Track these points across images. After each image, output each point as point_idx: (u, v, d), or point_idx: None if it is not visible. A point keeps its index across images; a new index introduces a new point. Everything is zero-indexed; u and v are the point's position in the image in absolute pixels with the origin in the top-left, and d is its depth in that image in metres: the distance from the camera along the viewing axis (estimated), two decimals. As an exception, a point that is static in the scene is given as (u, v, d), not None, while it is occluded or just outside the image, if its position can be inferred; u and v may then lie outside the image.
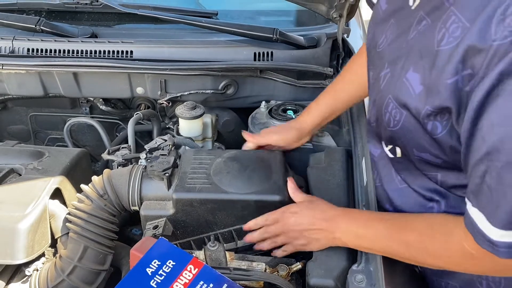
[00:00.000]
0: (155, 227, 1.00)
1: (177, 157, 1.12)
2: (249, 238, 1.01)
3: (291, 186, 1.02)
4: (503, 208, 0.63)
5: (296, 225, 0.95)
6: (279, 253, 0.98)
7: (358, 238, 0.89)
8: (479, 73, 0.61)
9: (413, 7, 0.79)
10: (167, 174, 1.03)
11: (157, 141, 1.17)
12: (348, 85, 1.19)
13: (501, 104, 0.59)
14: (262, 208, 0.99)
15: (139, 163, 1.12)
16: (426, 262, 0.84)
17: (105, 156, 1.20)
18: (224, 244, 1.03)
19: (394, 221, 0.87)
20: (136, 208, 1.05)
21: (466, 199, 0.70)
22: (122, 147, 1.21)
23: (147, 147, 1.15)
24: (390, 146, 0.87)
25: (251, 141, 1.19)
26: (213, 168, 1.06)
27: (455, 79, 0.65)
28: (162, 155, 1.10)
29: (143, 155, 1.13)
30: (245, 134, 1.21)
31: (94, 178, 1.06)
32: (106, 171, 1.07)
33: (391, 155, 0.88)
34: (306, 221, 0.94)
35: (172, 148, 1.14)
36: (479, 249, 0.68)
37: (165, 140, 1.17)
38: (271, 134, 1.20)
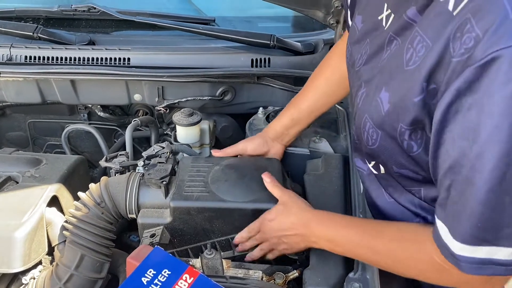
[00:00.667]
0: (152, 236, 0.99)
1: (175, 165, 1.12)
2: (240, 248, 1.03)
3: (268, 181, 1.01)
4: (464, 222, 0.63)
5: (274, 232, 0.96)
6: (256, 254, 1.01)
7: (330, 242, 0.89)
8: (441, 88, 0.62)
9: (385, 27, 0.79)
10: (164, 182, 1.03)
11: (154, 148, 1.17)
12: (311, 93, 1.20)
13: (460, 120, 0.59)
14: (259, 216, 0.99)
15: (136, 171, 1.12)
16: (398, 271, 0.83)
17: (102, 163, 1.20)
18: (222, 252, 1.03)
19: (365, 227, 0.88)
20: (134, 216, 1.05)
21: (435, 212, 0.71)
22: (120, 154, 1.21)
23: (144, 154, 1.15)
24: (373, 163, 0.88)
25: (219, 155, 1.19)
26: (211, 176, 1.06)
27: (422, 97, 0.66)
28: (160, 162, 1.10)
29: (140, 163, 1.13)
30: (213, 152, 1.21)
31: (91, 185, 1.06)
32: (103, 178, 1.07)
33: (375, 172, 0.89)
34: (283, 227, 0.95)
35: (170, 156, 1.14)
36: (446, 261, 0.69)
37: (163, 147, 1.17)
38: (237, 144, 1.21)
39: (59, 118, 1.72)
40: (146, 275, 0.79)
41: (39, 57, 1.48)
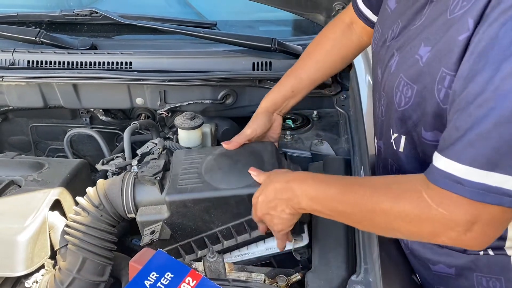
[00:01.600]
0: (152, 232, 0.99)
1: (168, 160, 1.11)
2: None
3: (254, 174, 0.99)
4: (480, 145, 0.65)
5: (264, 203, 0.92)
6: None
7: (311, 200, 0.85)
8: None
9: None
10: (158, 178, 1.02)
11: (148, 145, 1.16)
12: (311, 64, 1.22)
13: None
14: None
15: (131, 170, 1.12)
16: (373, 223, 0.80)
17: (99, 167, 1.21)
18: (225, 242, 1.02)
19: (348, 181, 0.87)
20: (133, 215, 1.05)
21: (436, 152, 0.72)
22: (116, 157, 1.22)
23: (139, 152, 1.15)
24: (395, 135, 0.89)
25: (230, 147, 1.13)
26: (204, 166, 1.05)
27: (468, 34, 0.69)
28: (152, 159, 1.10)
29: (134, 162, 1.13)
30: (224, 144, 1.14)
31: (89, 189, 1.06)
32: (99, 181, 1.07)
33: (394, 148, 0.90)
34: (268, 199, 0.91)
35: (162, 151, 1.13)
36: (435, 198, 0.69)
37: (156, 144, 1.16)
38: (245, 130, 1.18)
39: (61, 122, 1.72)
40: (149, 278, 0.79)
41: (42, 62, 1.49)
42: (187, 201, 0.98)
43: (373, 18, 1.13)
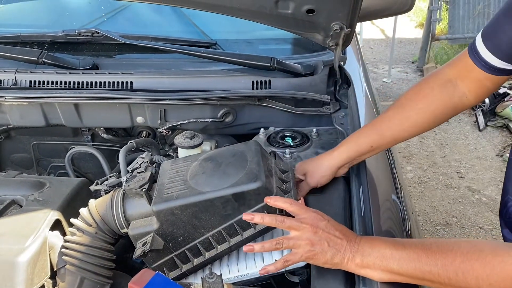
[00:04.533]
0: (144, 244, 0.99)
1: (155, 172, 1.11)
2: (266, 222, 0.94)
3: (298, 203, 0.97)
4: None
5: (326, 228, 0.91)
6: (280, 264, 0.93)
7: (384, 258, 0.86)
8: None
9: None
10: (144, 189, 1.03)
11: (138, 160, 1.17)
12: (398, 122, 1.13)
13: None
14: (242, 200, 0.97)
15: (122, 187, 1.13)
16: (466, 285, 0.80)
17: (92, 187, 1.22)
18: (218, 246, 1.01)
19: (425, 244, 0.85)
20: (126, 230, 1.05)
21: None
22: (110, 176, 1.23)
23: (129, 168, 1.16)
24: None
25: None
26: (190, 173, 1.05)
27: None
28: (139, 172, 1.10)
29: (124, 178, 1.14)
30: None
31: (82, 210, 1.07)
32: (90, 201, 1.08)
33: None
34: (337, 228, 0.91)
35: (149, 164, 1.14)
36: None
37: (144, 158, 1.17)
38: (310, 181, 1.17)
39: (63, 140, 1.74)
40: (147, 301, 0.79)
41: (44, 82, 1.51)
42: (174, 208, 0.98)
43: (501, 65, 1.00)
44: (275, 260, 0.96)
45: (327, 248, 0.89)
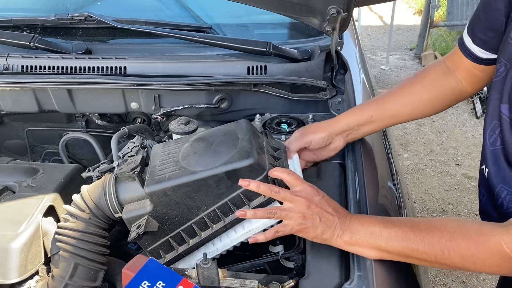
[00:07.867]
0: (139, 227, 0.99)
1: (146, 155, 1.11)
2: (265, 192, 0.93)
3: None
4: None
5: (319, 203, 0.91)
6: (270, 233, 0.93)
7: (372, 236, 0.87)
8: None
9: None
10: (136, 172, 1.02)
11: (129, 145, 1.16)
12: (399, 96, 1.17)
13: None
14: (235, 177, 0.96)
15: (114, 172, 1.12)
16: (451, 263, 0.82)
17: (84, 174, 1.21)
18: (213, 225, 1.01)
19: (414, 222, 0.87)
20: (119, 214, 1.04)
21: None
22: (102, 163, 1.22)
23: (120, 153, 1.15)
24: None
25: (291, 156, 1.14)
26: (181, 154, 1.04)
27: None
28: (130, 156, 1.10)
29: (116, 163, 1.13)
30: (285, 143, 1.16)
31: (74, 196, 1.07)
32: (82, 187, 1.08)
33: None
34: (330, 204, 0.92)
35: (140, 147, 1.13)
36: None
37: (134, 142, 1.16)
38: (304, 137, 1.18)
39: (57, 126, 1.72)
40: (140, 286, 0.79)
41: (36, 67, 1.49)
42: (166, 189, 0.97)
43: (484, 55, 1.04)
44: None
45: (318, 223, 0.90)
